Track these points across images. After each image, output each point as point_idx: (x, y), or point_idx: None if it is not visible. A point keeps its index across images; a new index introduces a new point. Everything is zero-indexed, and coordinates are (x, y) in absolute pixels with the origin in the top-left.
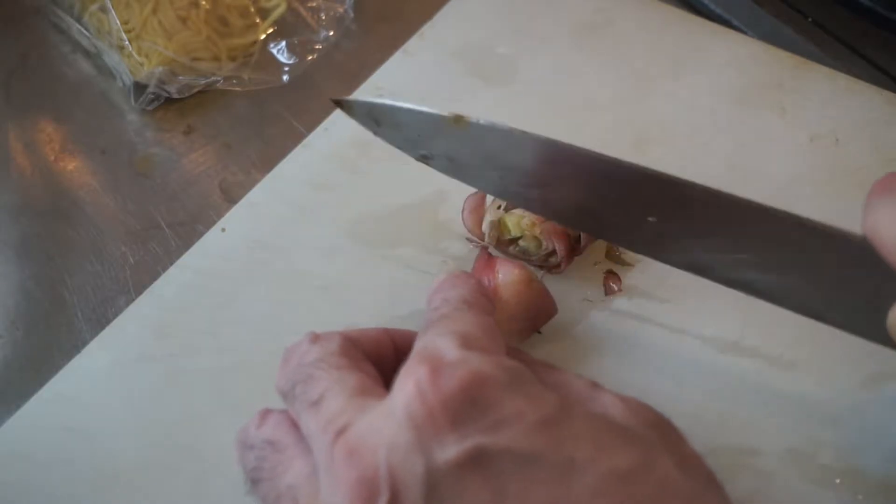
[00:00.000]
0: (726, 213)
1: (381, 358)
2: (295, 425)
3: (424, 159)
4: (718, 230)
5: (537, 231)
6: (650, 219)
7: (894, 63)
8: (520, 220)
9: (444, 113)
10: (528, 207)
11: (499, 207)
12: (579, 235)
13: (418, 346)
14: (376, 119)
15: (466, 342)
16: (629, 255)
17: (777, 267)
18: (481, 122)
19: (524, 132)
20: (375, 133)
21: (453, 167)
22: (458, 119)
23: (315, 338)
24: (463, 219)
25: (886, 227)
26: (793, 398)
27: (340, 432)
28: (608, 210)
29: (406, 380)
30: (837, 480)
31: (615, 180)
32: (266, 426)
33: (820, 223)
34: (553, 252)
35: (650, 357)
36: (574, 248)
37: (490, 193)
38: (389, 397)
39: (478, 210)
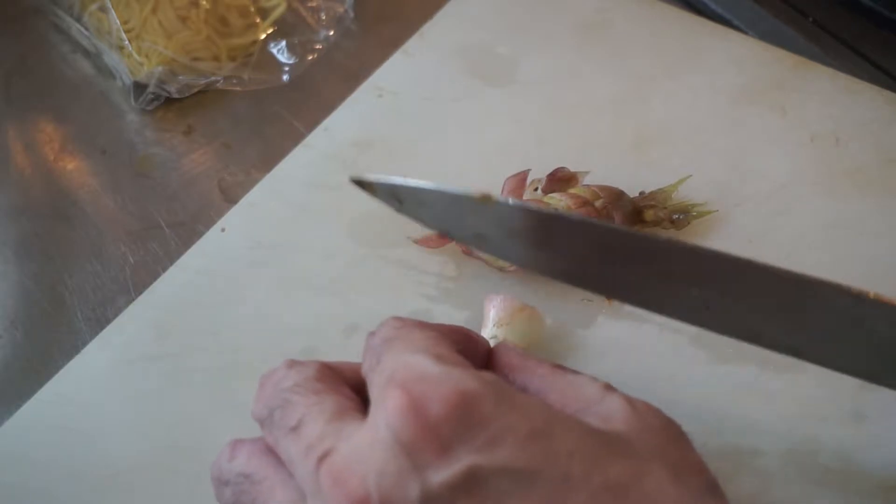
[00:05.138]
0: (776, 289)
1: (361, 385)
2: (270, 453)
3: (452, 235)
4: (767, 303)
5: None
6: (693, 292)
7: (894, 63)
8: (558, 203)
9: (471, 192)
10: (562, 280)
11: (535, 189)
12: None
13: (383, 374)
14: (399, 198)
15: (438, 357)
16: None
17: (830, 336)
18: (510, 202)
19: (555, 212)
20: (399, 211)
21: (482, 243)
22: (485, 198)
23: (291, 363)
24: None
25: None
26: (793, 398)
27: (323, 458)
28: (649, 284)
29: (387, 401)
30: (837, 480)
31: (652, 255)
32: (239, 458)
33: (875, 294)
34: None
35: (650, 357)
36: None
37: (524, 268)
38: (371, 420)
39: (517, 191)
